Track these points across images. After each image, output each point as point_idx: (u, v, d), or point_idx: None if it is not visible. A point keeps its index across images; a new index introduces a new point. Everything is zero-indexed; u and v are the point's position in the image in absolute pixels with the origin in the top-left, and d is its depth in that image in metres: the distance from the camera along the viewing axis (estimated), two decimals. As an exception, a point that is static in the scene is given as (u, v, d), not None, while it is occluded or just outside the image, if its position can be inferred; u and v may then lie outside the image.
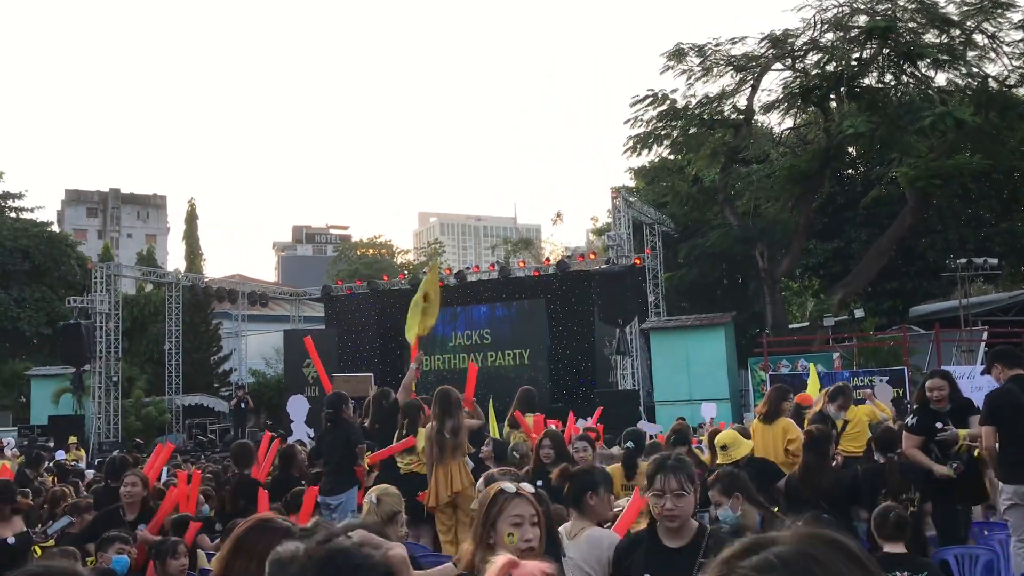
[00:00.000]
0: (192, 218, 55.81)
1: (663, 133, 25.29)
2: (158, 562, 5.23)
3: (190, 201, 56.71)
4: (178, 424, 27.68)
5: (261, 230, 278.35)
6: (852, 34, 23.19)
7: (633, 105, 25.04)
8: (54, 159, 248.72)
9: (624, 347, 21.86)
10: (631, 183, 32.69)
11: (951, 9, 22.88)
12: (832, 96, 23.64)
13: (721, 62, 24.46)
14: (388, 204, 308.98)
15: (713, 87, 25.00)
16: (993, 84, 23.33)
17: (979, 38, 23.03)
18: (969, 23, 22.76)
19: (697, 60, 24.60)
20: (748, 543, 1.20)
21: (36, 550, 6.46)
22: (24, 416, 28.44)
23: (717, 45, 24.38)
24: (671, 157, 29.02)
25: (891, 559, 4.99)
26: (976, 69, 23.42)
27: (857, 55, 23.27)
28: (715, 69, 24.60)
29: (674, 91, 24.96)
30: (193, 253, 54.22)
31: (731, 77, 24.68)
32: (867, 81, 23.77)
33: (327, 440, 8.35)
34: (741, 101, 24.94)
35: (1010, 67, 23.42)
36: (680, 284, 29.23)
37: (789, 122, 26.46)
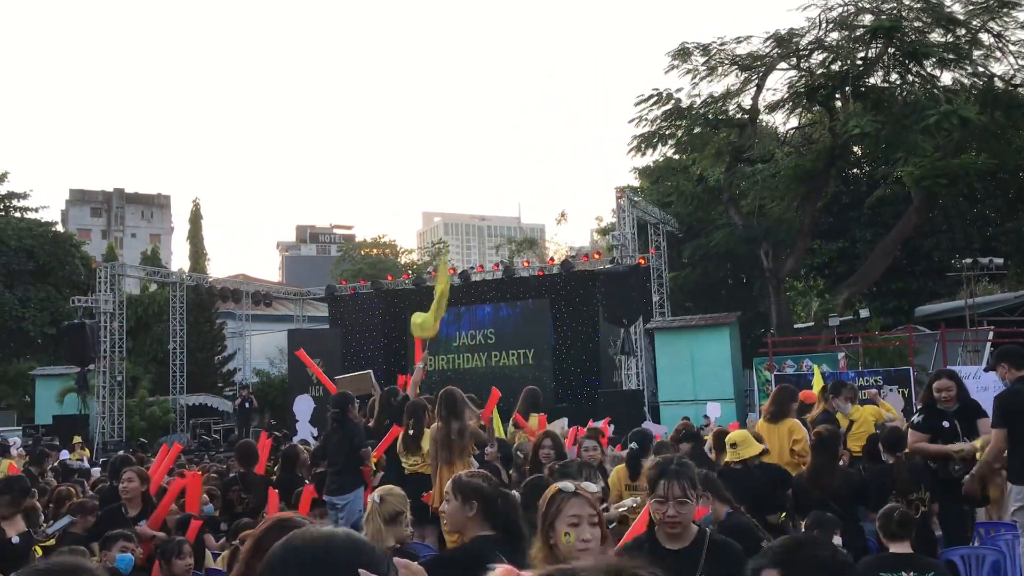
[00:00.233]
0: (196, 218, 55.80)
1: (668, 133, 25.26)
2: (163, 562, 5.23)
3: (194, 201, 56.57)
4: (182, 424, 27.68)
5: (265, 230, 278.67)
6: (857, 33, 23.15)
7: (638, 104, 25.05)
8: (58, 159, 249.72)
9: (628, 347, 21.84)
10: (635, 183, 32.68)
11: (957, 8, 22.86)
12: (837, 95, 23.61)
13: (726, 61, 24.44)
14: (392, 204, 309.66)
15: (718, 86, 25.02)
16: (999, 83, 23.27)
17: (985, 37, 22.98)
18: (975, 22, 22.72)
19: (702, 59, 24.59)
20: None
21: (36, 550, 6.45)
22: (29, 416, 28.46)
23: (722, 44, 24.37)
24: (676, 157, 29.00)
25: (897, 559, 4.97)
26: (982, 68, 23.37)
27: (862, 54, 23.24)
28: (720, 68, 24.58)
29: (679, 90, 24.97)
30: (197, 253, 54.22)
31: (736, 76, 24.67)
32: (872, 80, 23.75)
33: (333, 440, 8.33)
34: (746, 100, 24.93)
35: (1016, 66, 23.37)
36: (685, 284, 29.21)
37: (794, 121, 26.48)
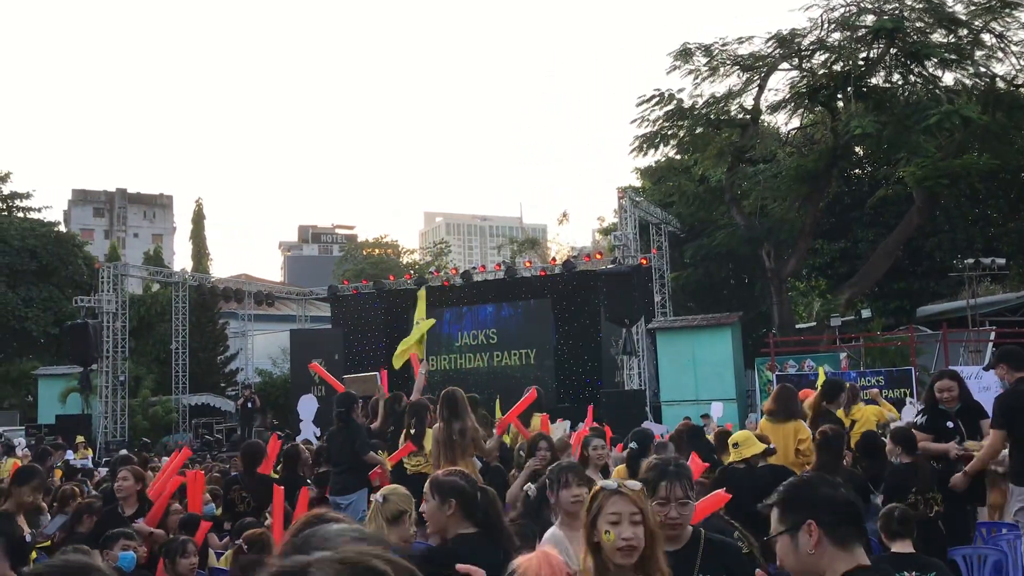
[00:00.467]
0: (199, 218, 55.88)
1: (669, 133, 25.24)
2: (168, 561, 5.24)
3: (197, 201, 56.83)
4: (184, 423, 27.72)
5: (267, 230, 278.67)
6: (859, 34, 23.13)
7: (639, 105, 25.03)
8: (61, 159, 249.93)
9: (630, 347, 21.84)
10: (637, 183, 32.65)
11: (959, 8, 22.82)
12: (839, 96, 23.57)
13: (728, 62, 24.42)
14: (394, 204, 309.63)
15: (720, 87, 24.98)
16: (1001, 84, 23.24)
17: (987, 38, 22.93)
18: (977, 22, 22.68)
19: (704, 60, 24.57)
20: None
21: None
22: (31, 416, 28.50)
23: (724, 45, 24.35)
24: (677, 157, 28.97)
25: (898, 558, 4.98)
26: (984, 69, 23.33)
27: (864, 55, 23.22)
28: (722, 69, 24.55)
29: (681, 91, 24.94)
30: (200, 253, 54.28)
31: (738, 77, 24.63)
32: (874, 81, 23.71)
33: (338, 440, 8.35)
34: (748, 101, 24.89)
35: (1018, 67, 23.31)
36: (686, 284, 29.20)
37: (796, 122, 26.42)
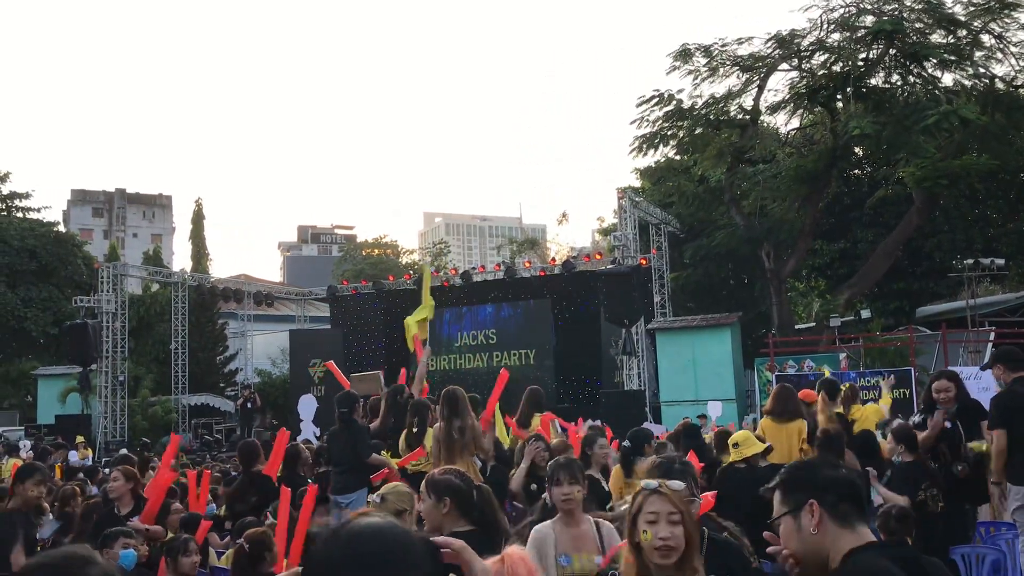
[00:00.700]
0: (199, 218, 55.86)
1: (669, 133, 25.25)
2: (170, 559, 5.25)
3: (197, 201, 56.79)
4: (184, 424, 27.72)
5: (266, 230, 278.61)
6: (859, 34, 23.16)
7: (639, 105, 25.04)
8: (60, 159, 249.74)
9: (630, 347, 21.86)
10: (637, 183, 32.68)
11: (958, 9, 22.83)
12: (838, 96, 23.59)
13: (727, 62, 24.43)
14: (393, 204, 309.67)
15: (719, 87, 24.99)
16: (1000, 85, 23.26)
17: (986, 38, 22.94)
18: (976, 23, 22.70)
19: (703, 60, 24.58)
20: None
21: None
22: (31, 416, 28.51)
23: (723, 45, 24.36)
24: (677, 157, 29.01)
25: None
26: (983, 69, 23.35)
27: (864, 55, 23.24)
28: (721, 69, 24.56)
29: (680, 91, 24.95)
30: (200, 253, 54.26)
31: (737, 77, 24.64)
32: (874, 81, 23.72)
33: (340, 440, 8.36)
34: (747, 101, 24.90)
35: (1017, 67, 23.32)
36: (686, 284, 29.23)
37: (795, 122, 26.44)
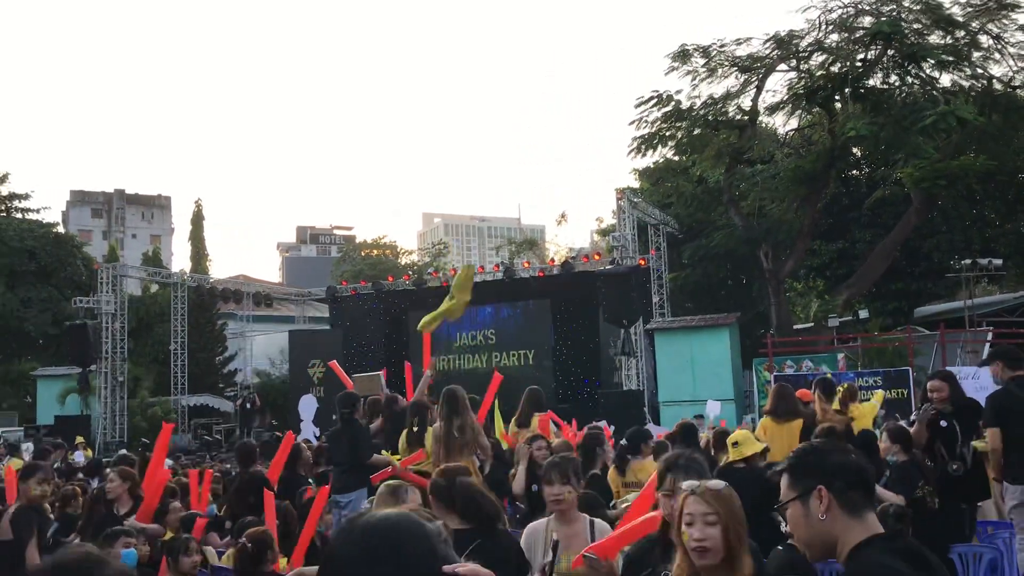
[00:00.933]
0: (198, 219, 55.84)
1: (668, 134, 25.28)
2: (171, 559, 5.27)
3: (196, 202, 56.81)
4: (183, 424, 27.71)
5: (265, 231, 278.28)
6: (857, 35, 23.20)
7: (638, 106, 25.07)
8: (59, 160, 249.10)
9: (629, 348, 21.88)
10: (636, 184, 32.72)
11: (956, 10, 22.88)
12: (837, 97, 23.63)
13: (726, 63, 24.47)
14: (392, 205, 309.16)
15: (718, 88, 25.03)
16: (998, 85, 23.31)
17: (984, 39, 22.99)
18: (974, 24, 22.74)
19: (702, 61, 24.63)
20: None
21: None
22: (30, 416, 28.49)
23: (722, 46, 24.40)
24: (676, 158, 29.04)
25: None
26: (981, 70, 23.40)
27: (862, 56, 23.27)
28: (720, 70, 24.61)
29: (679, 92, 24.99)
30: (199, 254, 54.22)
31: (736, 78, 24.69)
32: (872, 82, 23.76)
33: (341, 440, 8.39)
34: (746, 102, 24.95)
35: (1015, 68, 23.36)
36: (685, 285, 29.27)
37: (794, 123, 26.51)
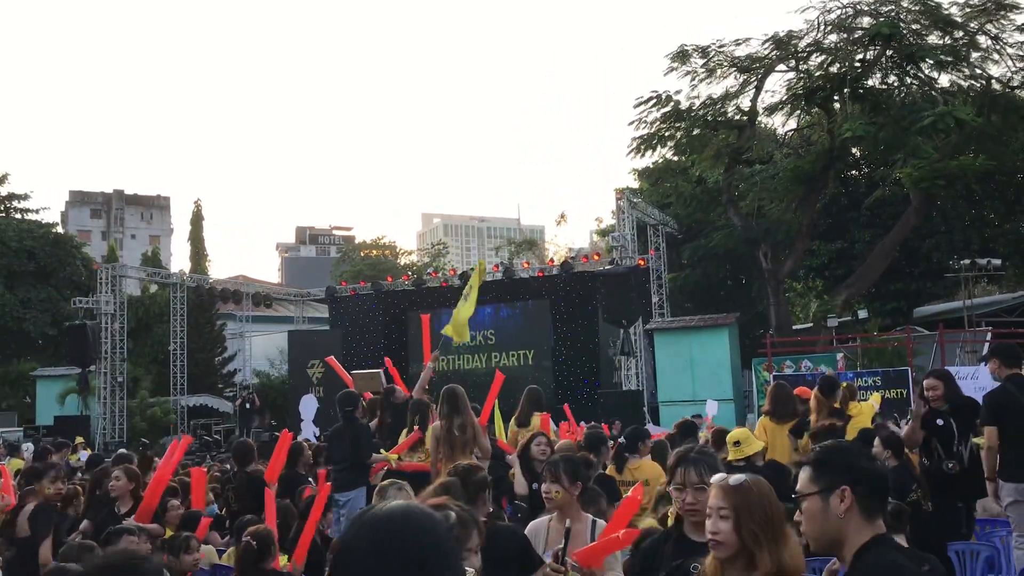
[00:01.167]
0: (198, 219, 55.86)
1: (667, 134, 25.34)
2: (171, 557, 5.28)
3: (196, 202, 56.79)
4: (183, 425, 27.70)
5: (264, 231, 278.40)
6: (856, 36, 23.24)
7: (637, 106, 25.14)
8: (58, 160, 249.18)
9: (628, 348, 21.91)
10: (635, 184, 32.75)
11: (954, 11, 22.92)
12: (836, 97, 23.67)
13: (725, 63, 24.53)
14: (391, 205, 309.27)
15: (717, 88, 25.10)
16: (996, 86, 23.34)
17: (982, 40, 23.04)
18: (972, 24, 22.79)
19: (701, 61, 24.69)
20: None
21: None
22: (29, 417, 28.49)
23: (721, 47, 24.47)
24: (675, 158, 29.07)
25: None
26: (979, 71, 23.45)
27: (861, 57, 23.32)
28: (719, 70, 24.67)
29: (678, 92, 25.10)
30: (198, 254, 54.26)
31: (735, 78, 24.75)
32: (870, 83, 23.80)
33: (341, 439, 8.40)
34: (745, 102, 25.00)
35: (1013, 68, 23.43)
36: (684, 285, 29.30)
37: (793, 123, 26.55)
